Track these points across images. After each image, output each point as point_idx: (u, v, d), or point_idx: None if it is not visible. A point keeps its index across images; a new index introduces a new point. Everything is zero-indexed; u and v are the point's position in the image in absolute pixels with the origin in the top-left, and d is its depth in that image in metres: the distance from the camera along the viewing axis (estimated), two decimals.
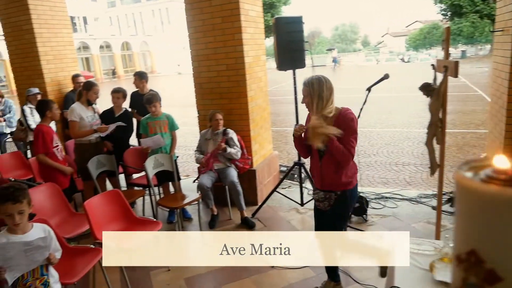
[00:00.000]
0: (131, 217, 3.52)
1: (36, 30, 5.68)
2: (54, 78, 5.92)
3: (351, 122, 2.57)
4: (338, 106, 2.68)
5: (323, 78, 2.64)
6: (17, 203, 2.06)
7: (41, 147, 3.94)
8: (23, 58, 5.87)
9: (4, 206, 2.03)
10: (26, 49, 5.80)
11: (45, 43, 5.80)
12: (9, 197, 2.03)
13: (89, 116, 4.46)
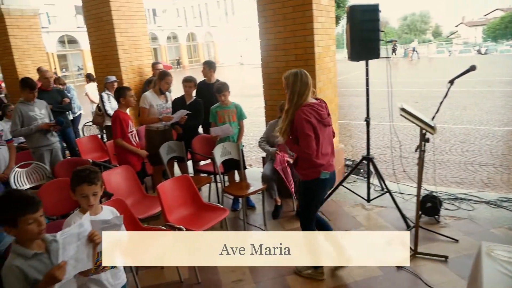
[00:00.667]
0: (199, 203, 3.62)
1: (115, 21, 6.01)
2: (129, 67, 6.25)
3: (299, 125, 2.78)
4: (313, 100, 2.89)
5: (299, 72, 2.85)
6: (92, 185, 2.13)
7: (118, 132, 4.18)
8: (103, 48, 6.26)
9: (80, 187, 2.11)
10: (105, 39, 6.17)
11: (122, 34, 6.13)
12: (85, 179, 2.11)
13: (160, 104, 4.64)
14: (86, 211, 2.16)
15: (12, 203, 1.74)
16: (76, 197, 2.15)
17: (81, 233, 1.84)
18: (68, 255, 1.77)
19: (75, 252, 1.82)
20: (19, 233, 1.75)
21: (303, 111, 2.77)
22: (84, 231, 1.85)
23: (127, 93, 4.23)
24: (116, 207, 2.69)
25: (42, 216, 1.81)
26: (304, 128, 2.75)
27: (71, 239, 1.79)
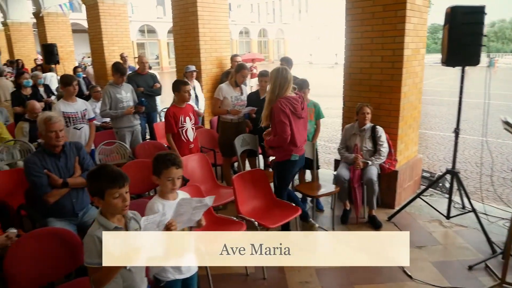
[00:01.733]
0: (271, 198, 3.60)
1: (199, 12, 6.16)
2: (208, 58, 6.39)
3: (276, 114, 3.36)
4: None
5: (281, 68, 3.43)
6: (179, 168, 2.19)
7: (166, 127, 4.14)
8: (185, 38, 6.46)
9: (167, 171, 2.16)
10: (188, 30, 6.35)
11: (205, 25, 6.27)
12: (174, 162, 2.17)
13: (234, 96, 4.69)
14: (165, 195, 2.21)
15: (102, 176, 1.84)
16: (161, 180, 2.19)
17: (161, 222, 1.90)
18: (146, 239, 1.82)
19: (153, 239, 1.87)
20: (104, 206, 1.86)
21: (280, 102, 3.34)
22: (164, 219, 1.91)
23: (182, 88, 4.10)
24: (191, 193, 2.75)
25: (127, 193, 1.88)
26: (280, 116, 3.33)
27: (152, 226, 1.84)
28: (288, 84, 3.39)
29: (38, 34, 12.54)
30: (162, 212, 1.89)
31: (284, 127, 3.33)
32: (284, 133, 3.34)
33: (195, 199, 2.05)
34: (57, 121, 3.01)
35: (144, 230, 1.79)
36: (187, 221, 2.07)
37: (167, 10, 34.17)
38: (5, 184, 3.67)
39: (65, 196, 3.03)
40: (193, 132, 4.26)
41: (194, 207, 2.03)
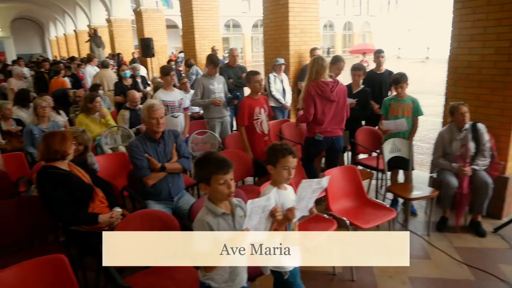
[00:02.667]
0: (363, 198, 3.43)
1: (290, 4, 6.08)
2: (297, 51, 6.31)
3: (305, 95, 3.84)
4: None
5: (318, 57, 3.86)
6: (295, 158, 2.17)
7: (239, 119, 4.08)
8: (275, 31, 6.44)
9: (284, 159, 2.14)
10: (278, 22, 6.32)
11: (295, 17, 6.18)
12: (290, 151, 2.15)
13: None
14: (278, 184, 2.20)
15: (209, 162, 1.88)
16: (276, 169, 2.18)
17: (266, 206, 1.88)
18: (251, 223, 1.82)
19: (257, 223, 1.87)
20: (211, 192, 1.90)
21: (309, 86, 3.78)
22: (269, 205, 1.89)
23: (252, 78, 4.03)
24: None
25: (232, 180, 1.90)
26: (307, 97, 3.78)
27: (258, 209, 1.83)
28: (323, 70, 3.77)
29: (137, 29, 13.53)
30: (267, 196, 1.87)
31: (308, 107, 3.80)
32: (307, 112, 3.81)
33: (315, 180, 2.04)
34: (159, 108, 3.18)
35: (250, 213, 1.79)
36: (304, 208, 2.07)
37: (252, 4, 34.77)
38: (110, 167, 3.98)
39: (162, 180, 3.19)
40: (267, 124, 4.21)
41: (314, 189, 2.03)
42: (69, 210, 2.68)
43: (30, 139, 4.52)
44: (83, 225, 2.74)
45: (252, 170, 3.94)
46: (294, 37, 6.24)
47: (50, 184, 2.68)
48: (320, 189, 2.06)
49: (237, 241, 1.77)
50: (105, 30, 16.77)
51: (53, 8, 23.09)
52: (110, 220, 2.73)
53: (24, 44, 30.34)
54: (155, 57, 11.02)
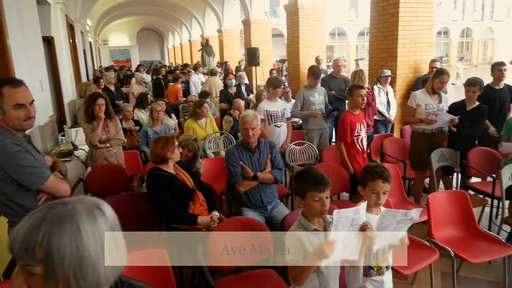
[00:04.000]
0: (473, 227, 3.08)
1: (401, 14, 5.79)
2: (405, 62, 5.97)
3: None
4: None
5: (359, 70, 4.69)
6: (386, 182, 2.06)
7: (339, 135, 3.90)
8: (382, 41, 6.19)
9: (373, 183, 2.05)
10: (386, 32, 6.07)
11: (406, 27, 5.86)
12: (381, 175, 2.05)
13: (430, 104, 4.20)
14: (368, 208, 2.10)
15: (306, 177, 1.89)
16: (366, 192, 2.11)
17: (355, 220, 1.80)
18: (338, 235, 1.76)
19: (346, 237, 1.80)
20: (305, 206, 1.90)
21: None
22: (358, 218, 1.81)
23: (355, 92, 3.82)
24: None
25: (328, 198, 1.87)
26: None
27: (345, 221, 1.77)
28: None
29: (244, 38, 14.18)
30: (355, 208, 1.80)
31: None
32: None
33: (400, 211, 1.89)
34: (249, 120, 3.26)
35: (336, 224, 1.74)
36: (391, 236, 1.94)
37: (360, 12, 33.88)
38: (211, 170, 4.23)
39: (255, 188, 3.28)
40: (366, 141, 4.05)
41: (399, 220, 1.88)
42: (171, 209, 2.91)
43: (145, 139, 5.04)
44: (183, 224, 2.95)
45: (348, 185, 3.83)
46: (403, 48, 5.93)
47: (156, 184, 2.95)
48: (410, 221, 1.90)
49: (324, 252, 1.73)
50: (215, 40, 17.91)
51: (173, 19, 25.42)
52: (208, 222, 2.90)
53: (146, 52, 33.90)
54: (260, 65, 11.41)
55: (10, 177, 1.99)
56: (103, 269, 0.90)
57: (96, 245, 0.89)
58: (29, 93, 2.07)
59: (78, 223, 0.87)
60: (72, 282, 0.86)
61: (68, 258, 0.85)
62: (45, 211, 0.88)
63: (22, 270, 0.87)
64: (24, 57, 4.64)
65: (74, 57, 10.59)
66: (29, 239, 0.84)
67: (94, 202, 0.95)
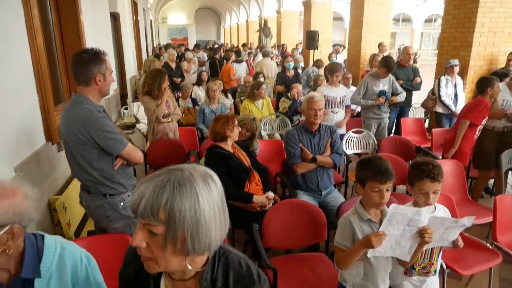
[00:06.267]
0: None
1: None
2: (480, 52, 5.57)
3: None
4: None
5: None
6: (435, 182, 1.90)
7: (475, 116, 3.84)
8: (456, 29, 5.81)
9: (421, 183, 1.91)
10: (462, 19, 5.67)
11: (486, 13, 5.43)
12: (428, 174, 1.89)
13: (506, 100, 3.94)
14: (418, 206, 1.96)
15: (369, 166, 1.83)
16: (414, 191, 1.98)
17: (413, 221, 1.72)
18: (391, 231, 1.72)
19: (400, 235, 1.75)
20: (363, 194, 1.87)
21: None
22: (417, 221, 1.72)
23: (496, 83, 3.79)
24: (441, 202, 2.45)
25: (389, 191, 1.81)
26: None
27: (401, 218, 1.70)
28: None
29: (303, 21, 13.91)
30: (417, 209, 1.71)
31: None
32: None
33: (449, 219, 1.81)
34: (318, 100, 3.26)
35: (390, 217, 1.68)
36: (438, 239, 1.84)
37: None
38: (267, 152, 4.26)
39: (312, 172, 3.27)
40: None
41: (447, 226, 1.80)
42: (228, 185, 2.98)
43: (202, 117, 5.17)
44: (239, 201, 3.01)
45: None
46: (480, 37, 5.52)
47: (215, 161, 3.02)
48: (461, 227, 1.79)
49: (370, 242, 1.70)
50: (273, 21, 17.75)
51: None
52: (263, 201, 2.94)
53: (203, 31, 34.33)
54: (318, 49, 11.17)
55: (94, 142, 2.13)
56: (214, 234, 0.96)
57: (210, 211, 0.94)
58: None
59: (196, 189, 0.93)
60: (188, 244, 0.93)
61: (187, 221, 0.91)
62: (167, 175, 0.94)
63: (143, 228, 0.94)
64: (94, 32, 4.90)
65: (136, 33, 10.98)
66: (154, 201, 0.90)
67: (206, 171, 1.00)
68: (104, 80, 2.17)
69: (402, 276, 2.00)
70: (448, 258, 2.53)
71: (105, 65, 2.16)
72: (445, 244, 1.91)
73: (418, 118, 6.05)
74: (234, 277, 1.06)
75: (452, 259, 2.55)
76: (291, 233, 2.64)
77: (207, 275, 1.04)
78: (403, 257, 1.81)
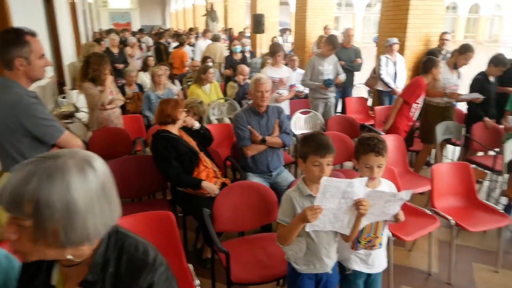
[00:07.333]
0: (474, 199, 3.14)
1: None
2: (415, 34, 5.85)
3: None
4: None
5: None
6: (379, 156, 1.94)
7: (406, 93, 4.05)
8: (393, 11, 6.04)
9: (366, 157, 1.95)
10: (399, 2, 5.88)
11: None
12: (373, 149, 1.94)
13: (448, 79, 4.21)
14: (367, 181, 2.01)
15: (310, 141, 1.86)
16: (360, 165, 2.02)
17: (348, 193, 1.72)
18: (327, 205, 1.72)
19: (337, 209, 1.75)
20: (305, 170, 1.88)
21: None
22: (351, 192, 1.72)
23: (439, 64, 4.01)
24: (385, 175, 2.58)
25: (330, 166, 1.83)
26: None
27: (335, 191, 1.70)
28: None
29: (250, 5, 13.80)
30: (349, 181, 1.70)
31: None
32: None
33: (388, 193, 1.84)
34: (265, 82, 3.27)
35: (323, 191, 1.68)
36: (380, 213, 1.88)
37: None
38: (215, 136, 4.16)
39: (262, 154, 3.30)
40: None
41: (387, 200, 1.83)
42: (176, 170, 2.92)
43: (148, 104, 5.00)
44: (188, 187, 2.97)
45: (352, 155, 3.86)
46: (415, 19, 5.78)
47: (162, 145, 2.94)
48: (400, 201, 1.84)
49: (305, 216, 1.70)
50: (220, 5, 17.47)
51: None
52: (213, 188, 2.90)
53: (147, 16, 33.05)
54: (265, 33, 11.18)
55: (26, 130, 1.97)
56: (93, 223, 0.91)
57: (86, 201, 0.89)
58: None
59: (68, 180, 0.87)
60: (62, 236, 0.87)
61: (57, 214, 0.85)
62: (36, 165, 0.87)
63: (12, 221, 0.88)
64: (22, 15, 4.55)
65: (73, 17, 10.35)
66: (18, 193, 0.84)
67: (85, 158, 0.94)
68: (28, 64, 1.97)
69: (349, 250, 2.04)
70: (392, 227, 2.66)
71: (29, 48, 1.95)
72: (387, 218, 1.94)
73: (362, 97, 6.28)
74: (127, 261, 1.01)
75: (396, 227, 2.69)
76: (243, 215, 2.65)
77: (97, 259, 0.99)
78: (343, 230, 1.83)
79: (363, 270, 2.07)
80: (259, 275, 2.28)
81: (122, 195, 3.12)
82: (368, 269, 2.08)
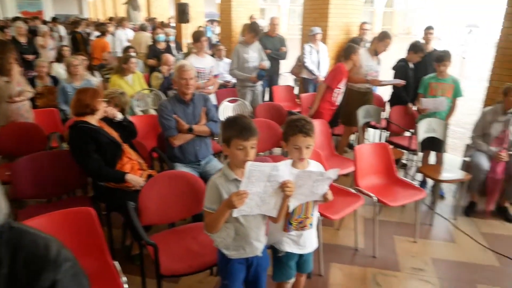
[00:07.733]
0: (393, 176, 3.35)
1: None
2: (336, 23, 6.09)
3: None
4: None
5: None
6: (307, 136, 1.95)
7: (330, 79, 4.25)
8: (314, 1, 6.23)
9: (294, 138, 1.95)
10: None
11: None
12: (301, 130, 1.94)
13: (369, 66, 4.45)
14: (293, 163, 2.01)
15: (233, 125, 1.81)
16: (288, 147, 2.02)
17: (273, 176, 1.72)
18: (252, 189, 1.71)
19: (263, 192, 1.75)
20: (230, 155, 1.83)
21: None
22: (276, 175, 1.73)
23: (358, 50, 4.22)
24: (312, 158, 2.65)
25: (254, 149, 1.81)
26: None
27: (260, 175, 1.69)
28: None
29: None
30: (274, 164, 1.70)
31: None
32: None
33: (316, 172, 1.87)
34: (189, 69, 3.16)
35: (248, 175, 1.66)
36: (309, 193, 1.91)
37: None
38: (140, 128, 3.96)
39: (189, 143, 3.21)
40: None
41: (315, 180, 1.86)
42: (97, 163, 2.72)
43: (64, 96, 4.59)
44: (111, 181, 2.79)
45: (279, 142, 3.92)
46: (334, 8, 6.01)
47: (80, 137, 2.72)
48: (327, 180, 1.88)
49: (232, 202, 1.68)
50: None
51: None
52: (138, 181, 2.76)
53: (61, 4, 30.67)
54: (190, 23, 10.91)
55: None
56: None
57: None
58: None
59: None
60: None
61: None
62: None
63: None
64: None
65: None
66: None
67: None
68: None
69: (281, 233, 2.05)
70: (320, 207, 2.71)
71: None
72: (316, 198, 1.96)
73: (288, 85, 6.41)
74: (24, 259, 0.92)
75: (324, 207, 2.77)
76: (171, 207, 2.56)
77: None
78: (270, 213, 1.83)
79: (295, 251, 2.09)
80: (189, 265, 2.21)
81: (36, 194, 2.86)
82: (300, 250, 2.10)
